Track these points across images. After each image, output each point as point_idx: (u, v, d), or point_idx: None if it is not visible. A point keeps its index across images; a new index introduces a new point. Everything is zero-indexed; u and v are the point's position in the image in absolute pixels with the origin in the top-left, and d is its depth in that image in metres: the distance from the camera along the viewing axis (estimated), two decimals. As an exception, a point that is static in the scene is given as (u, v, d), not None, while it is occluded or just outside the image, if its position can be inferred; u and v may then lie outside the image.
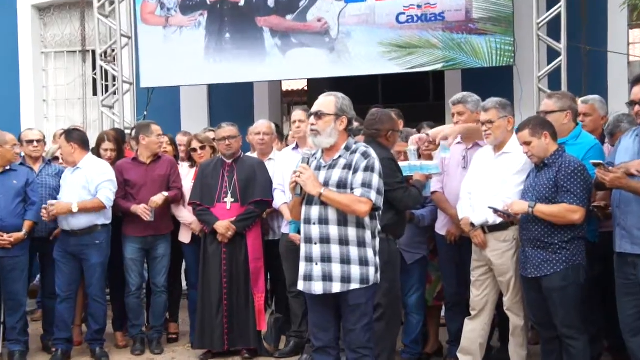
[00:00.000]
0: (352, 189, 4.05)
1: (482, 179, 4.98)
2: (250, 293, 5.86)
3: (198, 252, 6.03)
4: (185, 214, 6.27)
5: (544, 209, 4.48)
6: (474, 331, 5.10)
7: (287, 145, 6.72)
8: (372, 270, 4.11)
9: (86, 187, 5.91)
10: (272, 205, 5.96)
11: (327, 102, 4.16)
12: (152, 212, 6.05)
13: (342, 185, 4.06)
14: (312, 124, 4.12)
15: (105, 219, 6.01)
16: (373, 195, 4.03)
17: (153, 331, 6.35)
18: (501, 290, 5.01)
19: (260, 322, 5.90)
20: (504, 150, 4.96)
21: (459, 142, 5.51)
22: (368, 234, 4.12)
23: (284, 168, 5.83)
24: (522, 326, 4.98)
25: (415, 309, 5.64)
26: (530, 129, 4.60)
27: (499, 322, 5.41)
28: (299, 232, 5.23)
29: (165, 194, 6.12)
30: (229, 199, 5.89)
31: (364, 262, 4.08)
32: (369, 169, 4.06)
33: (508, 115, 4.97)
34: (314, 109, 4.16)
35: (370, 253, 4.11)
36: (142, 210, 6.04)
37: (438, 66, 7.95)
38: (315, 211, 4.08)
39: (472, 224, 5.02)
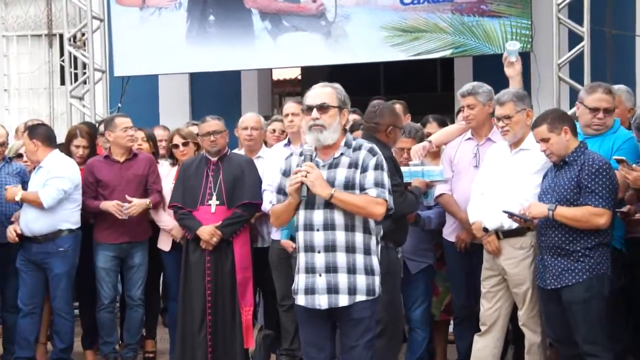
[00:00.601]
0: (362, 189, 4.08)
1: (496, 178, 5.00)
2: (237, 306, 5.86)
3: (179, 260, 6.03)
4: (165, 219, 6.28)
5: (565, 212, 4.50)
6: (485, 348, 5.12)
7: (265, 141, 6.74)
8: (377, 280, 4.15)
9: None
10: (261, 209, 5.97)
11: (327, 93, 4.16)
12: (126, 210, 6.05)
13: (349, 185, 4.08)
14: (316, 118, 4.11)
15: (71, 223, 6.02)
16: (387, 195, 4.10)
17: (127, 349, 6.35)
18: (516, 303, 5.04)
19: (248, 338, 5.90)
20: (521, 147, 4.97)
21: (469, 138, 5.53)
22: (373, 240, 4.16)
23: (274, 166, 5.84)
24: (538, 343, 4.99)
25: (420, 323, 5.66)
26: (549, 124, 4.62)
27: (514, 338, 5.45)
28: (291, 239, 5.28)
29: (148, 201, 6.14)
30: (213, 202, 5.89)
31: (369, 271, 4.12)
32: (379, 167, 4.11)
33: (526, 107, 4.99)
34: (316, 100, 4.14)
35: (375, 261, 4.16)
36: (115, 207, 6.04)
37: (447, 52, 7.98)
38: (319, 216, 4.09)
39: (484, 229, 5.04)
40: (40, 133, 6.09)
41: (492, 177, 5.05)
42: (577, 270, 4.54)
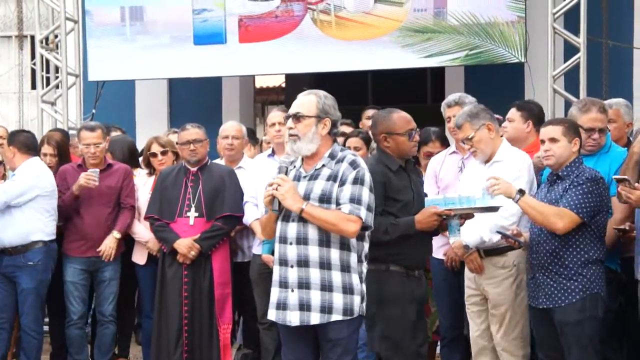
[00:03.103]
0: (338, 204, 4.07)
1: (472, 193, 5.05)
2: (215, 324, 5.87)
3: (154, 275, 6.04)
4: (140, 230, 6.30)
5: (531, 202, 4.58)
6: None
7: (261, 152, 6.77)
8: (356, 299, 4.11)
9: None
10: (242, 222, 6.00)
11: (306, 102, 4.18)
12: (97, 176, 6.02)
13: (325, 199, 4.08)
14: (290, 128, 4.15)
15: (44, 234, 6.01)
16: (363, 212, 4.04)
17: (98, 368, 6.35)
18: (492, 325, 5.05)
19: (226, 358, 5.91)
20: (494, 159, 5.05)
21: (454, 152, 5.62)
22: (353, 257, 4.13)
23: (256, 178, 5.88)
24: None
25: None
26: (566, 128, 4.70)
27: None
28: (273, 253, 5.30)
29: (116, 234, 6.15)
30: (192, 213, 5.92)
31: (347, 289, 4.09)
32: (358, 181, 4.07)
33: (485, 122, 5.04)
34: (292, 110, 4.19)
35: (355, 279, 4.12)
36: (85, 178, 6.00)
37: (461, 55, 7.97)
38: (292, 229, 4.11)
39: (465, 246, 5.09)
40: (19, 140, 6.11)
41: (468, 192, 5.10)
42: (569, 290, 4.58)
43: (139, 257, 6.35)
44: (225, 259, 5.96)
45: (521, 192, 4.58)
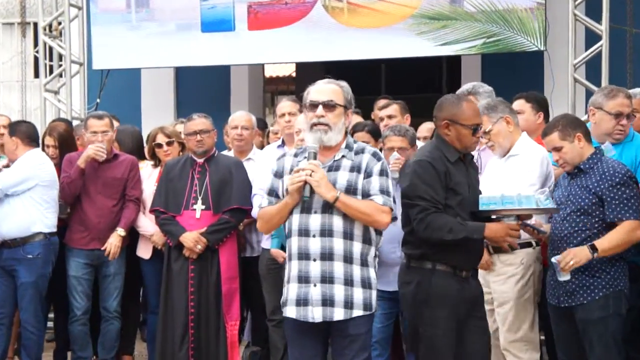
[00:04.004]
0: (366, 195, 4.11)
1: (490, 187, 5.00)
2: (222, 321, 5.86)
3: (160, 269, 6.03)
4: (145, 223, 6.28)
5: (608, 244, 4.45)
6: None
7: (268, 143, 6.75)
8: (374, 294, 4.19)
9: None
10: (250, 215, 5.98)
11: (334, 91, 4.20)
12: (105, 149, 6.05)
13: (351, 190, 4.12)
14: (320, 116, 4.13)
15: (44, 225, 6.01)
16: (392, 204, 4.14)
17: (102, 365, 6.36)
18: (498, 324, 5.03)
19: (233, 355, 5.90)
20: (510, 154, 5.05)
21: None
22: (372, 252, 4.20)
23: (266, 169, 5.84)
24: None
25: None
26: (560, 131, 4.63)
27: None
28: (282, 248, 5.28)
29: (121, 231, 6.14)
30: (199, 206, 5.90)
31: (366, 284, 4.15)
32: (384, 173, 4.17)
33: (503, 114, 5.03)
34: (322, 97, 4.17)
35: (372, 273, 4.19)
36: (95, 149, 6.02)
37: (478, 43, 7.91)
38: (315, 221, 4.11)
39: None
40: (21, 130, 6.13)
41: (486, 187, 5.05)
42: (592, 287, 4.54)
43: (144, 252, 6.33)
44: (233, 254, 5.94)
45: (592, 247, 4.45)
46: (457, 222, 4.25)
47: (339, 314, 4.09)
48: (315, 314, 4.10)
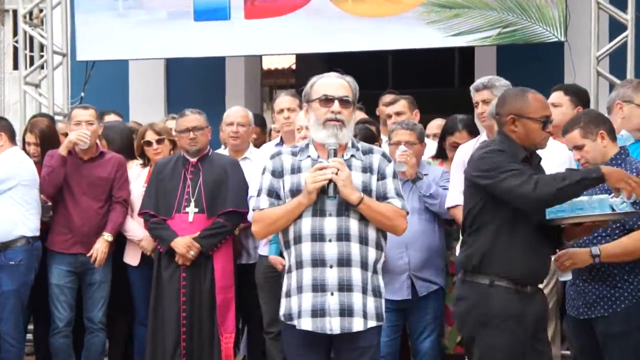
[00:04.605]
0: (382, 198, 4.19)
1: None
2: (216, 333, 5.88)
3: (149, 277, 6.06)
4: (133, 227, 6.30)
5: (613, 250, 4.46)
6: None
7: (270, 140, 6.77)
8: (383, 303, 4.25)
9: None
10: (247, 219, 6.00)
11: (345, 86, 4.25)
12: (89, 137, 6.06)
13: (366, 192, 4.17)
14: (338, 112, 4.16)
15: (27, 229, 6.04)
16: (408, 208, 4.28)
17: (86, 381, 6.38)
18: None
19: (228, 370, 5.94)
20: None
21: (484, 141, 5.58)
22: (382, 258, 4.27)
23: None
24: None
25: (429, 357, 5.66)
26: (581, 128, 4.63)
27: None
28: (281, 255, 5.29)
29: (108, 236, 6.16)
30: (191, 209, 5.92)
31: (377, 292, 4.22)
32: (396, 175, 4.27)
33: None
34: (339, 92, 4.20)
35: (381, 281, 4.25)
36: (77, 135, 6.03)
37: (493, 33, 7.92)
38: (331, 224, 4.13)
39: None
40: (5, 126, 6.18)
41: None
42: (613, 299, 4.56)
43: (132, 258, 6.35)
44: (228, 260, 5.97)
45: (595, 251, 4.48)
46: (566, 169, 4.19)
47: (358, 324, 4.11)
48: (334, 325, 4.11)
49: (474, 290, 4.24)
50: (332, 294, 4.11)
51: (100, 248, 6.14)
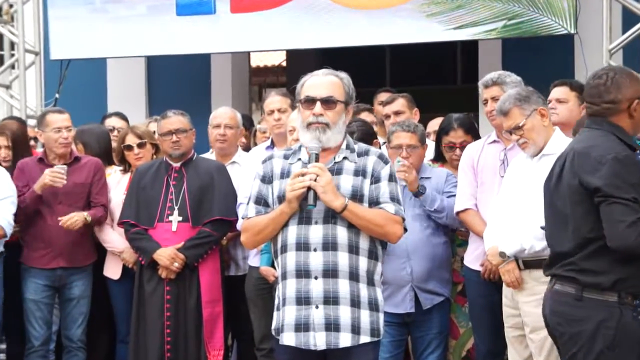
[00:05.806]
0: (374, 203, 4.14)
1: (516, 192, 5.02)
2: (203, 350, 5.87)
3: (131, 291, 6.06)
4: (113, 238, 6.31)
5: None
6: None
7: (256, 144, 6.77)
8: (381, 318, 4.22)
9: None
10: (235, 227, 6.00)
11: (334, 84, 4.21)
12: (65, 172, 6.01)
13: (357, 197, 4.14)
14: (319, 114, 4.14)
15: (-6, 240, 6.04)
16: (404, 214, 4.20)
17: (64, 404, 6.38)
18: (532, 351, 4.99)
19: (217, 391, 5.94)
20: (544, 152, 4.99)
21: (494, 141, 5.59)
22: (379, 268, 4.23)
23: (252, 175, 5.86)
24: None
25: (435, 373, 5.69)
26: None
27: None
28: (272, 265, 5.29)
29: (87, 215, 6.14)
30: (175, 218, 5.93)
31: (373, 306, 4.18)
32: (392, 178, 4.21)
33: (537, 106, 5.00)
34: (321, 92, 4.17)
35: (379, 294, 4.23)
36: (51, 176, 5.98)
37: (498, 25, 7.93)
38: (316, 233, 4.12)
39: (501, 254, 5.03)
40: None
41: (512, 191, 5.07)
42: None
43: (112, 271, 6.35)
44: (215, 272, 5.97)
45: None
46: None
47: (345, 340, 4.10)
48: (318, 340, 4.11)
49: (599, 309, 3.99)
50: (316, 307, 4.11)
51: (76, 217, 6.08)
